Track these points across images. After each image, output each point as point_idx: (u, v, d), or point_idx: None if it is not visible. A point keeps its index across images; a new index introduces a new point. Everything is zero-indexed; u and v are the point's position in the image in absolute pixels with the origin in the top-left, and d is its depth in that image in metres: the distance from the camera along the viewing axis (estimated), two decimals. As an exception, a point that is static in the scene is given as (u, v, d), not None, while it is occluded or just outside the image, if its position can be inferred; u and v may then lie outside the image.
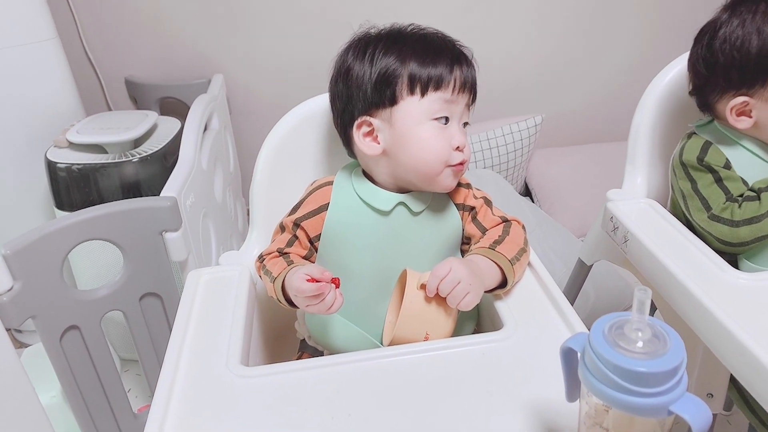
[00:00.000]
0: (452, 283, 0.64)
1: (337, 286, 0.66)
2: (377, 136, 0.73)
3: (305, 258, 0.77)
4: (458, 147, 0.72)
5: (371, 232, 0.74)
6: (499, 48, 2.01)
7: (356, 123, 0.74)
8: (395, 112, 0.72)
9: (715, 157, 0.85)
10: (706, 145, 0.86)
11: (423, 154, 0.71)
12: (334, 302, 0.65)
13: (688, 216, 0.87)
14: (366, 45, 0.74)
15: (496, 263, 0.70)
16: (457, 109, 0.73)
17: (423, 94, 0.71)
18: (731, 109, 0.83)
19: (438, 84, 0.71)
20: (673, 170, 0.91)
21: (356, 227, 0.74)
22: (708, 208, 0.83)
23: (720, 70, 0.83)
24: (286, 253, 0.76)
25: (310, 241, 0.77)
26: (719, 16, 0.84)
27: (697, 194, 0.85)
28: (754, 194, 0.81)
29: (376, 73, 0.71)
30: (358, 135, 0.74)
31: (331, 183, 0.78)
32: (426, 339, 0.65)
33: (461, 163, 0.73)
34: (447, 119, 0.72)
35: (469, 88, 0.74)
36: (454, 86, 0.71)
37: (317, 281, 0.64)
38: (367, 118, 0.73)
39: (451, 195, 0.78)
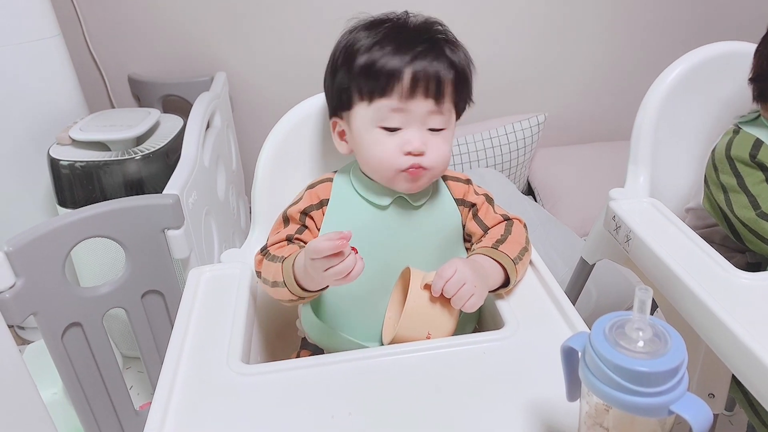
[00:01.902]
0: (457, 285, 0.64)
1: (356, 253, 0.63)
2: (346, 136, 0.77)
3: None
4: (410, 152, 0.70)
5: (371, 227, 0.74)
6: (501, 46, 2.01)
7: (330, 122, 0.79)
8: (351, 115, 0.74)
9: None
10: (758, 143, 0.85)
11: (371, 160, 0.73)
12: (355, 267, 0.61)
13: (728, 211, 0.86)
14: (337, 46, 0.75)
15: (499, 263, 0.70)
16: (412, 115, 0.70)
17: (370, 100, 0.71)
18: None
19: (383, 91, 0.69)
20: (713, 164, 0.90)
21: (356, 223, 0.74)
22: (756, 206, 0.83)
23: None
24: (297, 239, 0.75)
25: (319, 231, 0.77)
26: None
27: (744, 191, 0.84)
28: None
29: (337, 76, 0.74)
30: (333, 134, 0.78)
31: (330, 180, 0.78)
32: (428, 339, 0.65)
33: (414, 168, 0.70)
34: (396, 128, 0.70)
35: (434, 91, 0.69)
36: (402, 93, 0.69)
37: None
38: (336, 119, 0.77)
39: (450, 189, 0.78)
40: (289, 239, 0.75)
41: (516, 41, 2.02)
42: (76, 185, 1.28)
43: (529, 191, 2.13)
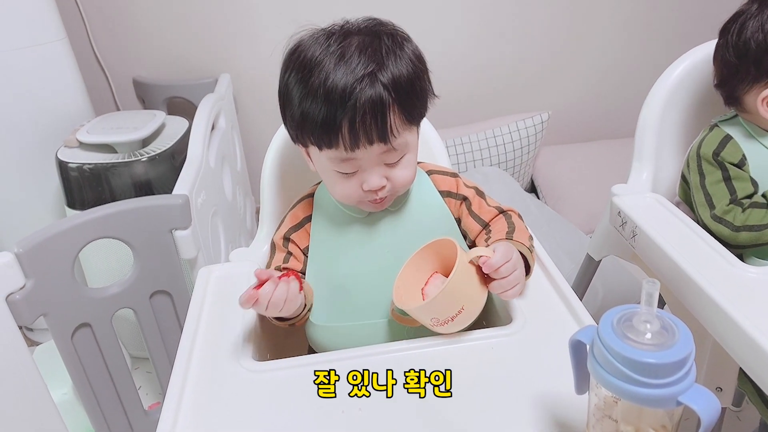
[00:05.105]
0: (510, 270, 0.64)
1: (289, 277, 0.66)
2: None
3: (303, 269, 0.77)
4: (369, 190, 0.68)
5: (356, 237, 0.74)
6: (505, 44, 2.01)
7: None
8: (309, 151, 0.72)
9: (732, 153, 0.85)
10: (726, 139, 0.86)
11: (334, 194, 0.72)
12: (274, 293, 0.63)
13: (694, 207, 0.88)
14: (279, 82, 0.71)
15: (520, 252, 0.70)
16: (364, 161, 0.67)
17: (319, 149, 0.67)
18: (763, 100, 0.83)
19: (328, 144, 0.65)
20: (687, 161, 0.91)
21: (341, 234, 0.75)
22: (711, 206, 0.83)
23: (752, 59, 0.82)
24: (285, 269, 0.76)
25: (304, 252, 0.78)
26: (748, 8, 0.84)
27: (703, 189, 0.86)
28: (765, 202, 0.81)
29: (285, 118, 0.71)
30: (302, 152, 0.74)
31: (312, 195, 0.79)
32: (459, 313, 0.63)
33: (378, 200, 0.70)
34: (352, 172, 0.68)
35: (378, 135, 0.64)
36: (346, 145, 0.65)
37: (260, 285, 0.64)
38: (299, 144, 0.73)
39: (435, 183, 0.78)
40: (278, 269, 0.75)
41: (519, 40, 2.02)
42: (84, 187, 1.29)
43: (532, 189, 2.13)
